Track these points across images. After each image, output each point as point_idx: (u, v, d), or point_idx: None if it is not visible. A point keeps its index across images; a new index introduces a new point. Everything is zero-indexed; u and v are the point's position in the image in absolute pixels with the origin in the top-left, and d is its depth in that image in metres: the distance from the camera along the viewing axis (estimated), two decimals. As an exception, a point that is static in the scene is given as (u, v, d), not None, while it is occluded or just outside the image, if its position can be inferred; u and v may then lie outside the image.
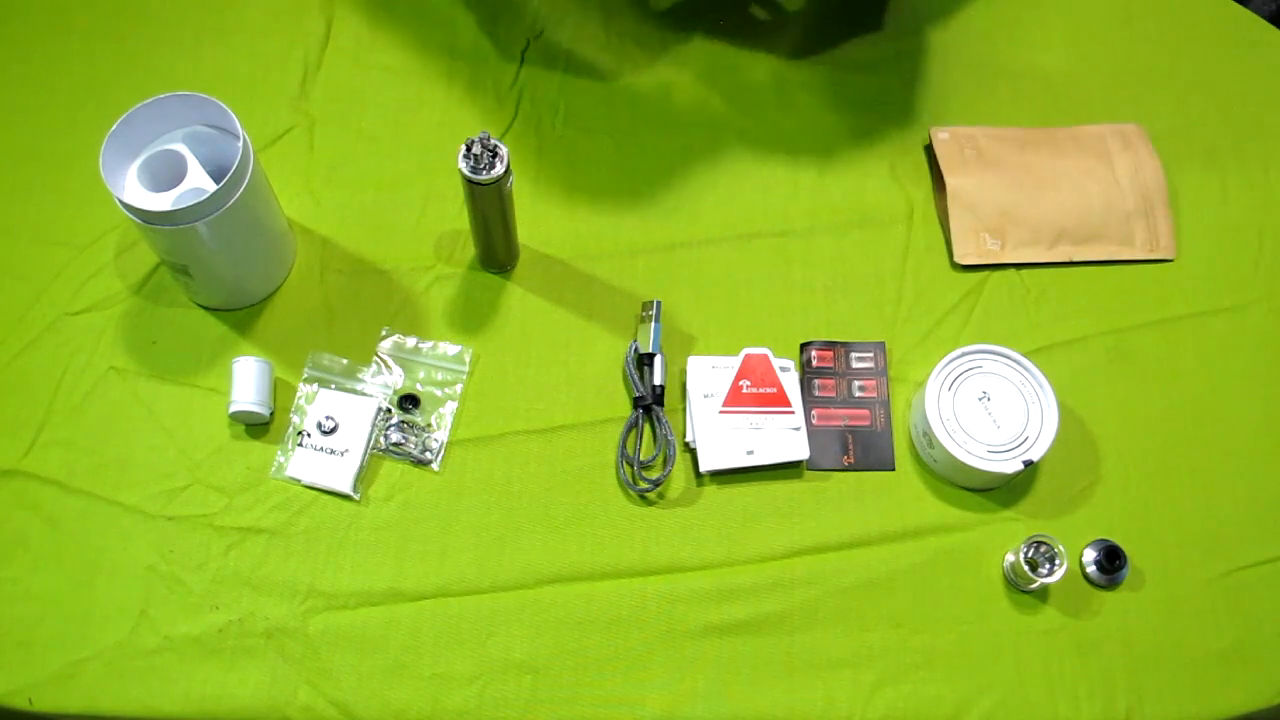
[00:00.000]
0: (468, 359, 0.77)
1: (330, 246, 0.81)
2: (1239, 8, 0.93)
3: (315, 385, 0.75)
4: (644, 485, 0.73)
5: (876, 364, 0.78)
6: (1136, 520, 0.73)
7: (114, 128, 0.69)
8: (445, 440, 0.74)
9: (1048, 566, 0.68)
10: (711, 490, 0.74)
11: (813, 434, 0.75)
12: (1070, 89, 0.89)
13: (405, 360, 0.77)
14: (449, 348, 0.77)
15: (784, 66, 0.90)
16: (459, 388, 0.76)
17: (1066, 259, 0.81)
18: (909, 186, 0.85)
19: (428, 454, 0.74)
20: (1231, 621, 0.70)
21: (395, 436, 0.74)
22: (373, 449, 0.74)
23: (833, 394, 0.77)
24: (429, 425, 0.75)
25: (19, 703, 0.66)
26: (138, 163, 0.71)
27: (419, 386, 0.76)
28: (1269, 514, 0.73)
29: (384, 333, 0.78)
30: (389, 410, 0.75)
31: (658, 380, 0.75)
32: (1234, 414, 0.77)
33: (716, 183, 0.85)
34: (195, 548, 0.71)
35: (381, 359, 0.77)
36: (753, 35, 0.91)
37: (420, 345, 0.77)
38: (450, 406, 0.75)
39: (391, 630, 0.69)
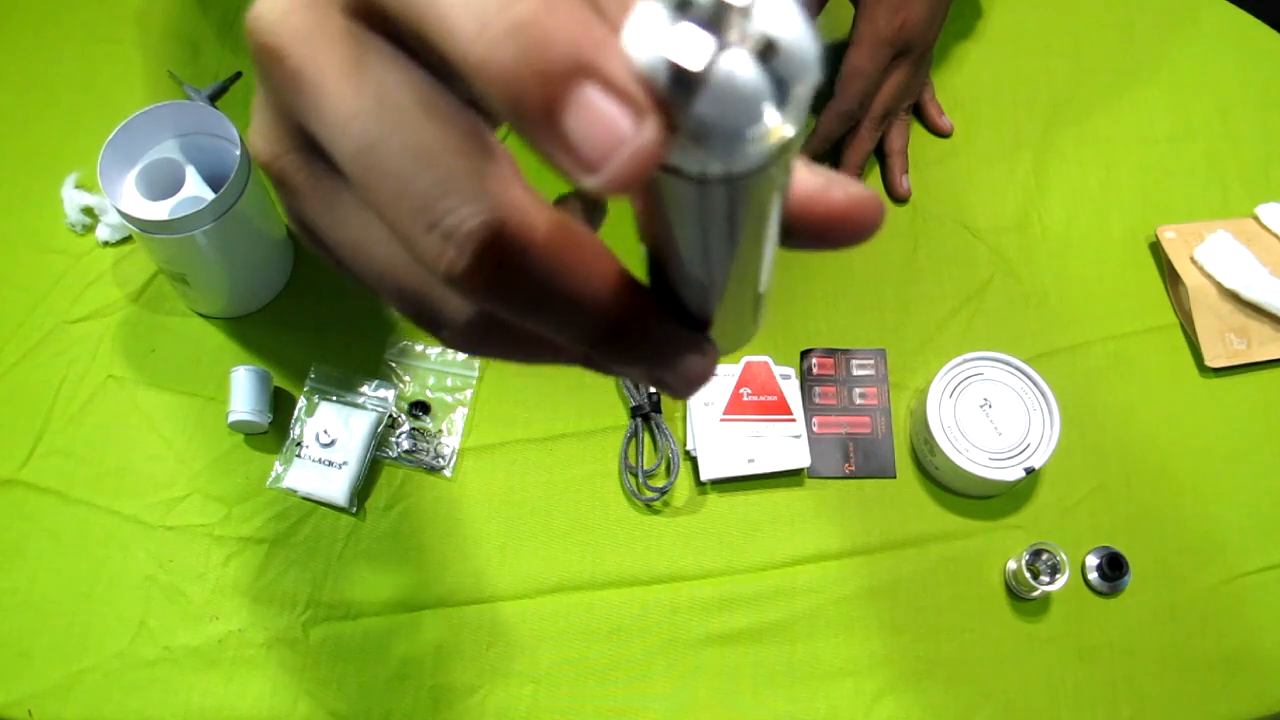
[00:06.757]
0: (477, 363, 0.76)
1: (329, 253, 0.81)
2: (1239, 10, 0.93)
3: (316, 397, 0.75)
4: (650, 494, 0.72)
5: (877, 371, 0.77)
6: (1138, 527, 0.73)
7: (111, 135, 0.69)
8: (457, 446, 0.74)
9: (1050, 574, 0.68)
10: (713, 499, 0.73)
11: (813, 442, 0.75)
12: (1071, 92, 0.89)
13: (414, 367, 0.76)
14: (458, 352, 0.77)
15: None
16: (469, 393, 0.76)
17: None
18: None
19: (439, 460, 0.73)
20: (1234, 628, 0.70)
21: (407, 444, 0.73)
22: (386, 458, 0.73)
23: (834, 401, 0.76)
24: (440, 431, 0.74)
25: (18, 714, 0.66)
26: (135, 171, 0.71)
27: (429, 393, 0.76)
28: (1271, 520, 0.73)
29: (391, 339, 0.77)
30: (399, 417, 0.74)
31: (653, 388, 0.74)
32: (1236, 420, 0.76)
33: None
34: (195, 558, 0.70)
35: (390, 365, 0.76)
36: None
37: (429, 351, 0.77)
38: (461, 412, 0.75)
39: (392, 640, 0.69)
